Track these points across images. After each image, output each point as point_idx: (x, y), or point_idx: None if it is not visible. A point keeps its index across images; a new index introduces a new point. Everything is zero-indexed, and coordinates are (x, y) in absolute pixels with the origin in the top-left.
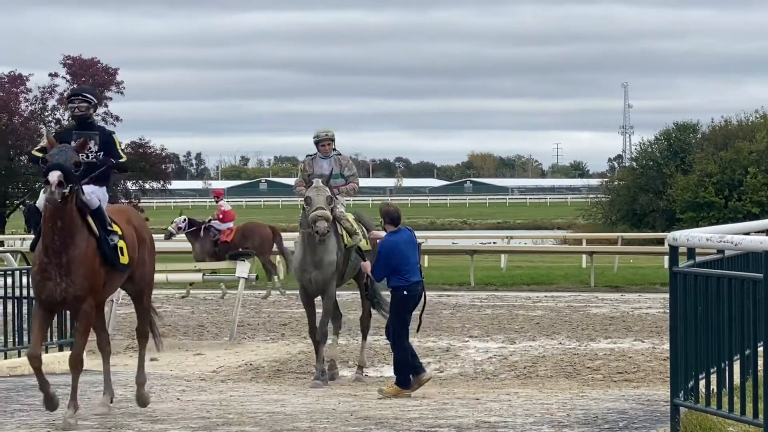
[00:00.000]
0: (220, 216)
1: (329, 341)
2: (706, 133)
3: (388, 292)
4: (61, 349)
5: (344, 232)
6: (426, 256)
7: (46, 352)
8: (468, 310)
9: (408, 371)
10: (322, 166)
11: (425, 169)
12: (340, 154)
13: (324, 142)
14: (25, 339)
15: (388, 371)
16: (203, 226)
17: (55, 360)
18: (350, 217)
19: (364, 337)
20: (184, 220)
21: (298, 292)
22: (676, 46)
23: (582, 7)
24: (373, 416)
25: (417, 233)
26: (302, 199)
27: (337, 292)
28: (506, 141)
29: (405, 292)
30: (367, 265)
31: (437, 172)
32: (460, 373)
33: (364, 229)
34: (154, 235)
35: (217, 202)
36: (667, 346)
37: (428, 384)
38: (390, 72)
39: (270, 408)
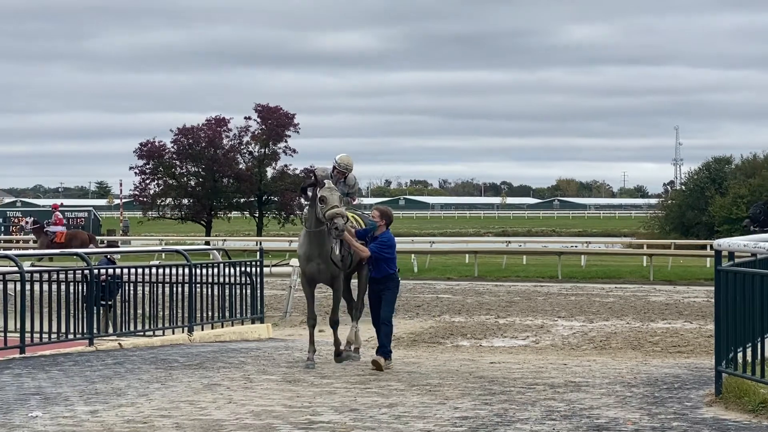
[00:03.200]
0: (56, 221)
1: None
2: (738, 165)
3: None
4: (253, 322)
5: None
6: (524, 256)
7: (242, 324)
8: (557, 297)
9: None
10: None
11: (523, 190)
12: (346, 177)
13: (339, 173)
14: (227, 314)
15: (498, 342)
16: (44, 229)
17: (248, 330)
18: (351, 215)
19: (354, 319)
20: (32, 220)
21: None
22: (722, 97)
23: (652, 68)
24: (486, 376)
25: (517, 238)
26: (308, 201)
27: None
28: (586, 169)
29: (399, 279)
30: (361, 248)
31: (533, 193)
32: (551, 344)
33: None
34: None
35: (54, 211)
36: (710, 327)
37: (527, 351)
38: (502, 117)
39: (409, 369)
